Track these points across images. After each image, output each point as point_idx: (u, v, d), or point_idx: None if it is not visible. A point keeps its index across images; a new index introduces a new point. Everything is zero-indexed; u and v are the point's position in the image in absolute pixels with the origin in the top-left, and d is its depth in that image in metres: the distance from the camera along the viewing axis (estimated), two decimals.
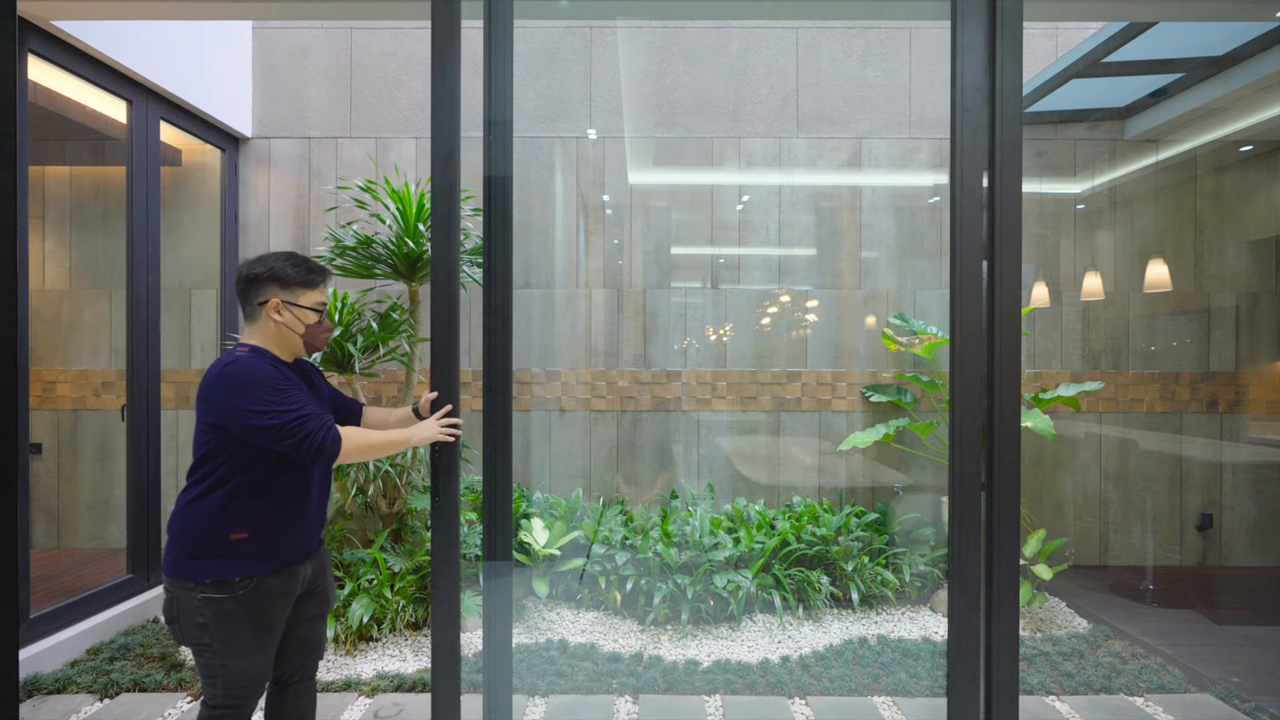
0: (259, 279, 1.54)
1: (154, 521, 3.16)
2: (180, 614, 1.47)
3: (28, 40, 2.54)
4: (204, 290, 3.73)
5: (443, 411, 1.58)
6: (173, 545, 1.48)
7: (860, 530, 3.34)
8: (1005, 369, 1.53)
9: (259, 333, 1.57)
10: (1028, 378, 3.75)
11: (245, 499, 1.48)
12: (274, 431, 1.43)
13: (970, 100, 1.59)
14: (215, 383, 1.45)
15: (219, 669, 1.48)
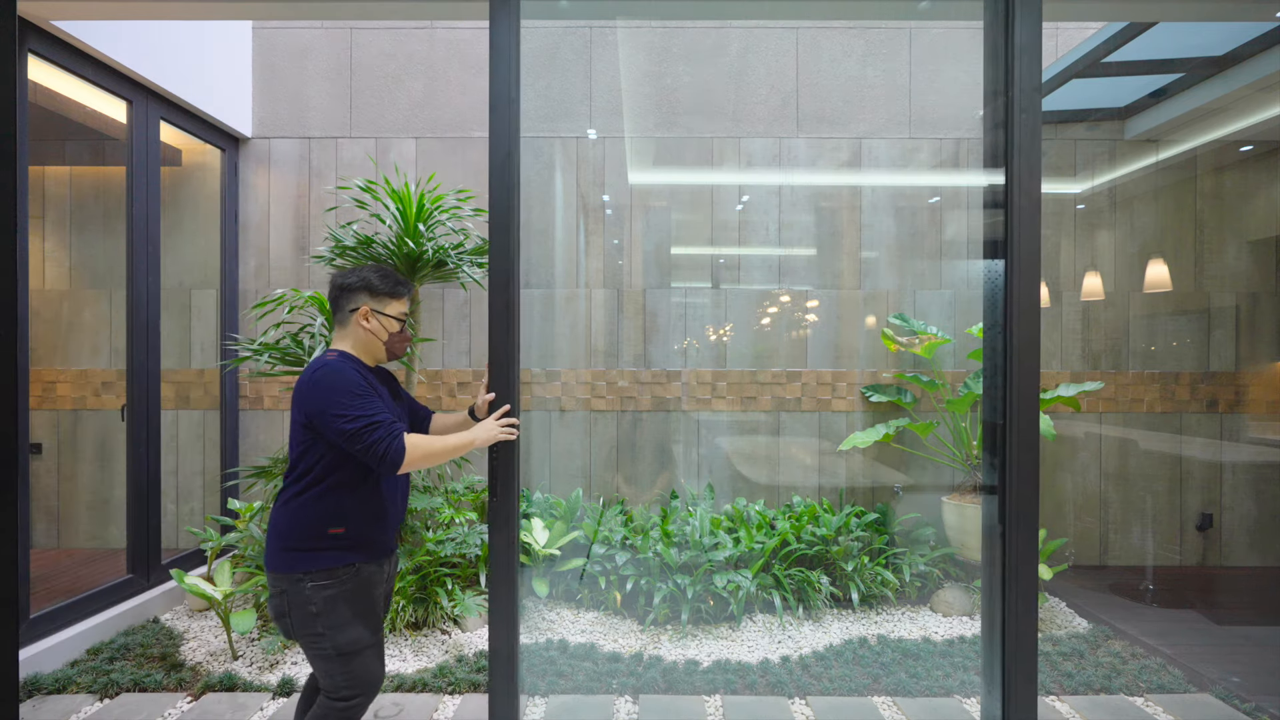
0: (352, 287, 1.64)
1: (154, 521, 3.16)
2: (291, 607, 1.53)
3: (28, 40, 2.54)
4: (204, 290, 3.73)
5: (501, 411, 1.66)
6: (276, 541, 1.54)
7: (860, 530, 3.34)
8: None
9: (347, 338, 1.65)
10: None
11: (339, 496, 1.54)
12: (347, 435, 1.48)
13: (1028, 101, 1.58)
14: (307, 385, 1.52)
15: (335, 657, 1.53)
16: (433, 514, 3.28)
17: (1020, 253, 1.57)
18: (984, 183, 2.15)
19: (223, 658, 2.71)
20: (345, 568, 1.54)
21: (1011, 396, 1.54)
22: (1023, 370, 1.53)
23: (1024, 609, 1.54)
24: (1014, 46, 1.59)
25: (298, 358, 2.90)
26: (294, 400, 1.55)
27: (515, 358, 1.60)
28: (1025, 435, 1.53)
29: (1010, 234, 1.58)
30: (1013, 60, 1.60)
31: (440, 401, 3.73)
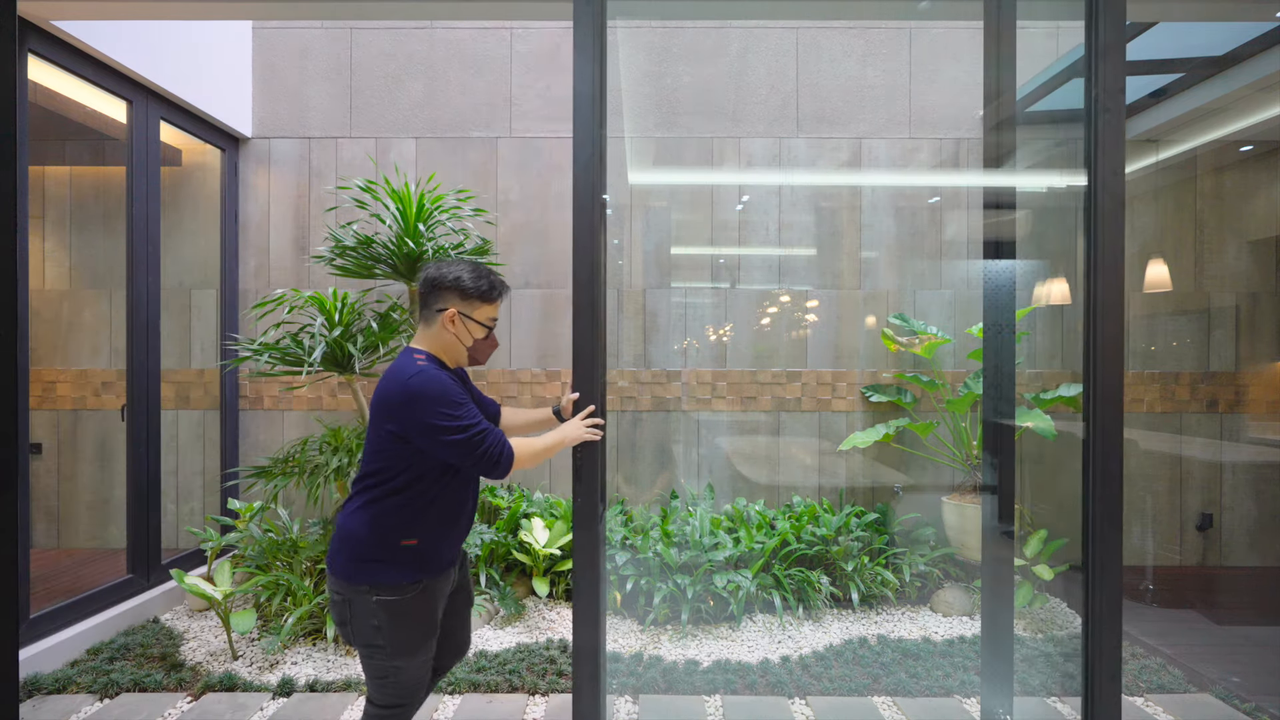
0: (442, 285, 1.56)
1: (154, 521, 3.16)
2: (354, 617, 1.50)
3: (28, 40, 2.54)
4: (204, 290, 3.73)
5: (586, 411, 1.62)
6: (344, 550, 1.50)
7: (860, 530, 3.34)
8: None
9: (432, 339, 1.58)
10: (1028, 378, 3.75)
11: (416, 508, 1.50)
12: (458, 445, 1.45)
13: (1112, 101, 1.57)
14: (400, 393, 1.45)
15: (390, 669, 1.52)
16: None
17: (1104, 254, 1.56)
18: (985, 183, 2.15)
19: (223, 658, 2.71)
20: (413, 584, 1.51)
21: (1095, 397, 1.54)
22: (1106, 369, 1.54)
23: (1109, 610, 1.53)
24: (1098, 46, 1.58)
25: (298, 358, 2.90)
26: (380, 408, 1.48)
27: (600, 358, 1.60)
28: (1109, 440, 1.52)
29: (1094, 235, 1.58)
30: (1096, 60, 1.58)
31: None
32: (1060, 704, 2.42)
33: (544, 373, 3.74)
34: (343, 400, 3.73)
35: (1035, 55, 3.69)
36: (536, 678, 2.53)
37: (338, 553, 1.52)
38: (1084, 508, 1.56)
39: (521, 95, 3.76)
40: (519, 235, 3.76)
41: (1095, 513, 1.53)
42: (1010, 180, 2.11)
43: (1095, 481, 1.54)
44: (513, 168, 3.76)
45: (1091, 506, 1.54)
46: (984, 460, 2.12)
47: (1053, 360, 3.77)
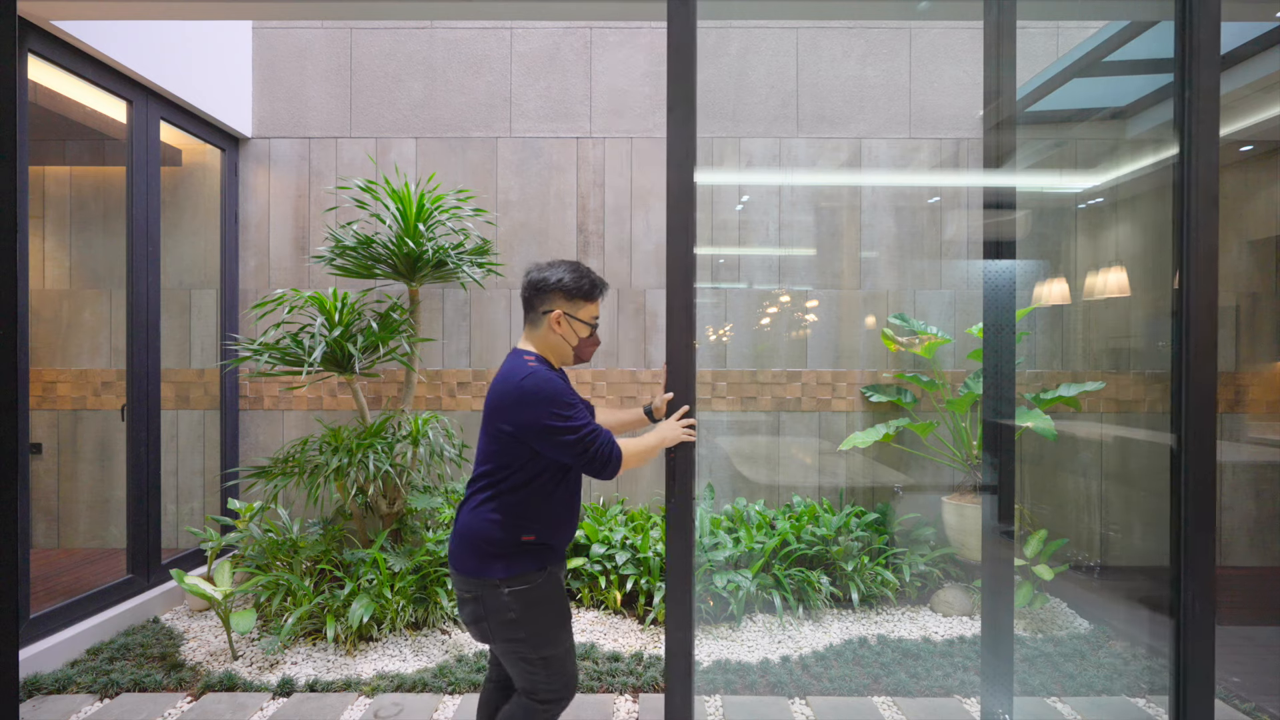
0: (547, 288, 1.59)
1: (154, 521, 3.16)
2: (488, 613, 1.52)
3: (28, 40, 2.54)
4: (204, 290, 3.73)
5: (681, 412, 1.63)
6: (468, 548, 1.53)
7: (860, 530, 3.33)
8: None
9: (539, 340, 1.62)
10: (1028, 378, 3.75)
11: (534, 504, 1.54)
12: (570, 446, 1.48)
13: (1205, 103, 1.56)
14: (515, 394, 1.48)
15: (537, 661, 1.54)
16: (433, 514, 3.28)
17: (1198, 256, 1.56)
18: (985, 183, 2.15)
19: (223, 658, 2.71)
20: (539, 571, 1.54)
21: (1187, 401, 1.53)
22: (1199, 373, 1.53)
23: (1202, 610, 1.53)
24: (1192, 46, 1.57)
25: (298, 358, 2.90)
26: (494, 410, 1.51)
27: (692, 359, 1.60)
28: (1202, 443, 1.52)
29: (1186, 236, 1.57)
30: (1190, 60, 1.57)
31: (440, 401, 3.73)
32: (1060, 704, 2.41)
33: None
34: (343, 400, 3.73)
35: (1035, 55, 3.69)
36: None
37: (461, 551, 1.54)
38: (1174, 512, 1.56)
39: (521, 95, 3.76)
40: (519, 235, 3.76)
41: (1188, 517, 1.53)
42: (1010, 180, 2.11)
43: (1188, 487, 1.53)
44: (513, 168, 3.76)
45: (1184, 511, 1.53)
46: (984, 460, 2.12)
47: (1053, 360, 3.77)
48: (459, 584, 1.55)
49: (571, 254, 3.76)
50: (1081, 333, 3.77)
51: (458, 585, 1.56)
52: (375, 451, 2.90)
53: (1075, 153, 3.80)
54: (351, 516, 3.39)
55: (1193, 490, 1.53)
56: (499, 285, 3.75)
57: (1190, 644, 1.53)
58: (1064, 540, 3.32)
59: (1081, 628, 3.02)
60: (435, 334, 3.74)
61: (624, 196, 3.76)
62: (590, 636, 2.92)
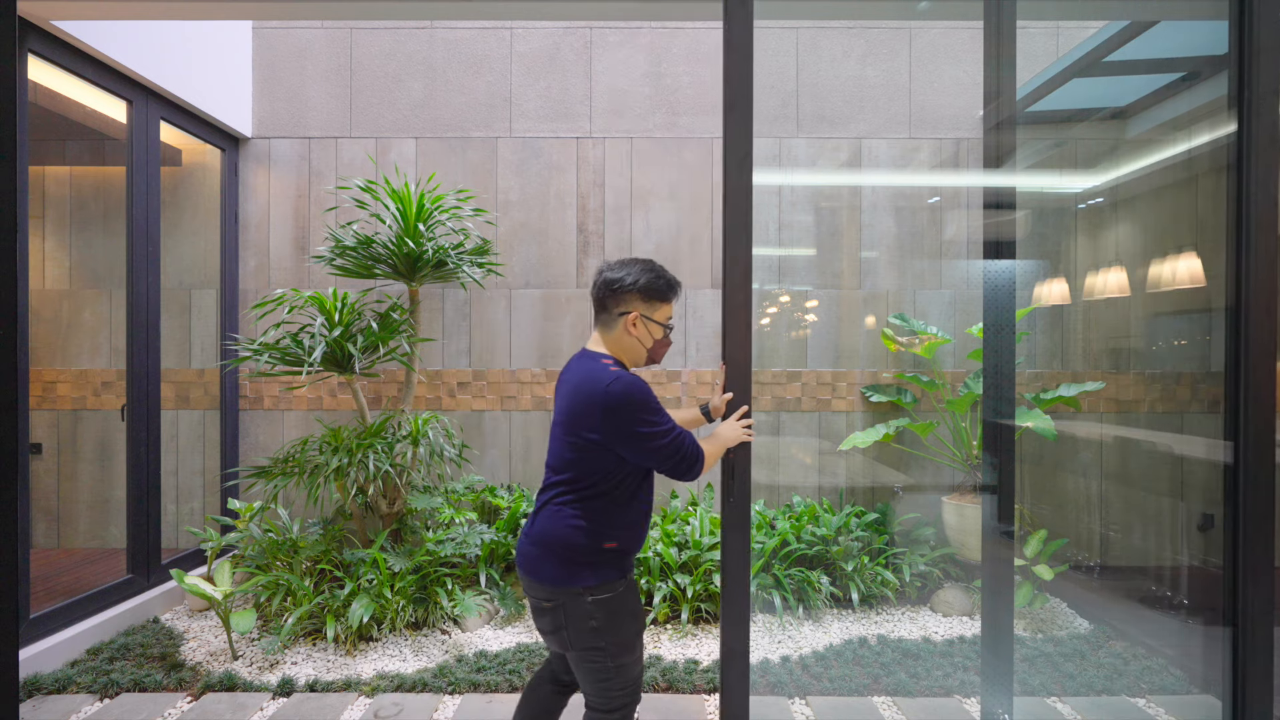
0: (623, 288, 1.55)
1: (154, 521, 3.16)
2: (569, 620, 1.49)
3: (28, 40, 2.54)
4: (204, 290, 3.73)
5: (741, 412, 1.61)
6: (549, 556, 1.50)
7: (860, 530, 3.33)
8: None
9: (613, 342, 1.58)
10: (1028, 378, 3.75)
11: (616, 510, 1.52)
12: (660, 451, 1.46)
13: (1265, 104, 1.56)
14: (601, 400, 1.44)
15: (613, 670, 1.51)
16: (433, 514, 3.28)
17: (1256, 258, 1.55)
18: (985, 183, 2.15)
19: (223, 658, 2.71)
20: (621, 579, 1.52)
21: (1245, 395, 1.53)
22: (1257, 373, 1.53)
23: (1261, 611, 1.53)
24: (1253, 46, 1.57)
25: (298, 358, 2.90)
26: (577, 414, 1.47)
27: (749, 358, 1.59)
28: (1260, 442, 1.52)
29: (1244, 239, 1.57)
30: (1250, 61, 1.57)
31: (440, 401, 3.73)
32: (1060, 704, 2.41)
33: (544, 372, 3.73)
34: (343, 400, 3.73)
35: (1035, 55, 3.69)
36: None
37: (542, 559, 1.51)
38: (1229, 515, 1.56)
39: (521, 95, 3.76)
40: (519, 235, 3.76)
41: (1246, 515, 1.52)
42: (1010, 180, 2.11)
43: (1246, 486, 1.53)
44: (512, 168, 3.76)
45: (1242, 509, 1.53)
46: (984, 460, 2.12)
47: (1053, 360, 3.77)
48: (535, 592, 1.52)
49: (571, 254, 3.76)
50: (1081, 333, 3.77)
51: (534, 593, 1.53)
52: (375, 451, 2.90)
53: (1075, 153, 3.80)
54: (351, 516, 3.39)
55: (1252, 492, 1.52)
56: (499, 285, 3.75)
57: (1249, 650, 1.52)
58: (1064, 540, 3.32)
59: (1081, 628, 3.02)
60: (435, 334, 3.74)
61: (624, 196, 3.76)
62: None
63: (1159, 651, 2.74)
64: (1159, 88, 3.40)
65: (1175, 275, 3.75)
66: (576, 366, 1.56)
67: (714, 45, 3.75)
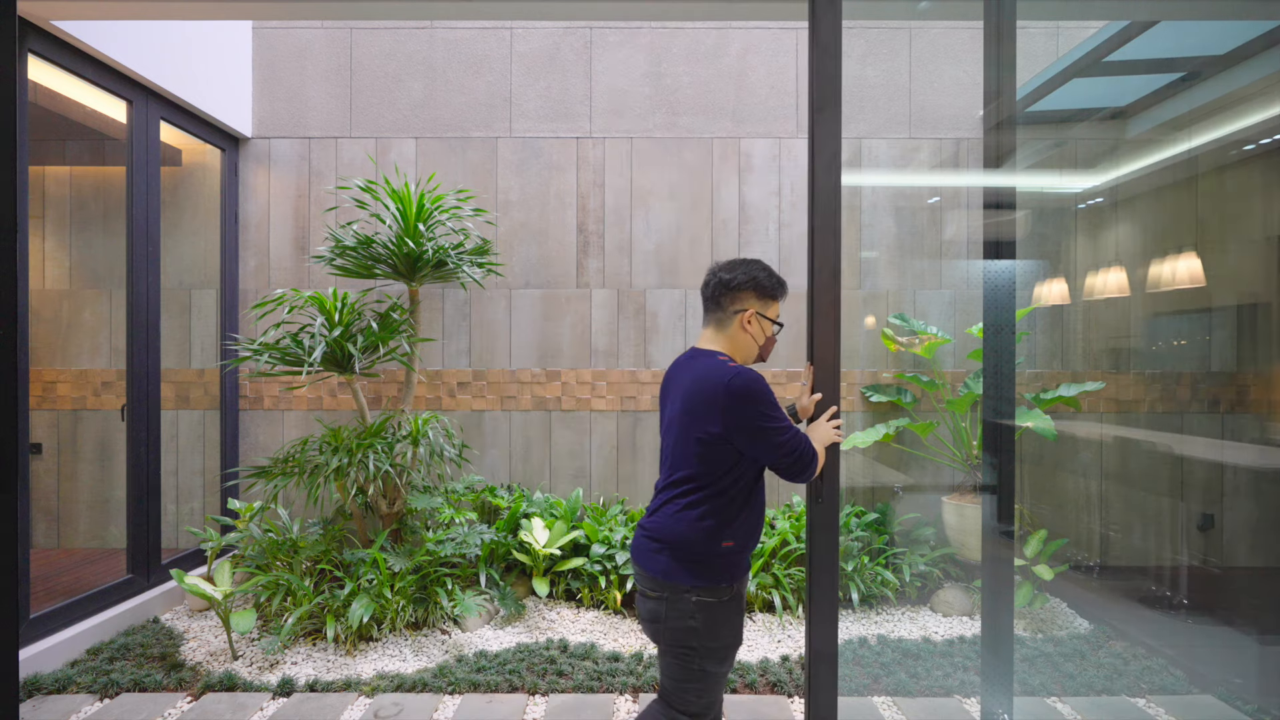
0: (739, 286, 1.56)
1: (154, 521, 3.16)
2: (669, 615, 1.49)
3: (28, 40, 2.54)
4: (204, 290, 3.73)
5: (831, 411, 1.60)
6: (666, 550, 1.50)
7: (860, 530, 3.33)
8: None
9: (727, 340, 1.60)
10: (1028, 378, 3.75)
11: (735, 509, 1.51)
12: (780, 448, 1.44)
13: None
14: (724, 394, 1.43)
15: (699, 674, 1.50)
16: (433, 514, 3.28)
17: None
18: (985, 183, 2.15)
19: (223, 658, 2.71)
20: (729, 586, 1.51)
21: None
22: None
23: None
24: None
25: (298, 358, 2.90)
26: (698, 410, 1.47)
27: (837, 359, 1.59)
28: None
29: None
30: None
31: (440, 401, 3.73)
32: (1060, 704, 2.41)
33: (544, 372, 3.73)
34: (343, 400, 3.73)
35: (1035, 55, 3.69)
36: (536, 678, 2.53)
37: (657, 552, 1.51)
38: None
39: (521, 95, 3.76)
40: (519, 235, 3.76)
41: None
42: (1010, 180, 2.11)
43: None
44: (512, 168, 3.76)
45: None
46: (984, 460, 2.12)
47: (1053, 360, 3.77)
48: (645, 581, 1.54)
49: (571, 254, 3.76)
50: (1081, 333, 3.77)
51: (643, 582, 1.54)
52: (375, 451, 2.90)
53: (1075, 153, 3.80)
54: (351, 516, 3.39)
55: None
56: (499, 285, 3.75)
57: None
58: (1064, 540, 3.32)
59: (1081, 628, 3.02)
60: (435, 334, 3.74)
61: (624, 196, 3.76)
62: (590, 636, 2.92)
63: (1159, 651, 2.75)
64: (1159, 88, 3.40)
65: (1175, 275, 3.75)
66: (690, 365, 1.57)
67: (714, 45, 3.75)
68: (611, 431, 3.75)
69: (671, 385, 1.63)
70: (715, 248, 3.77)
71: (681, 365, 1.62)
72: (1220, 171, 3.73)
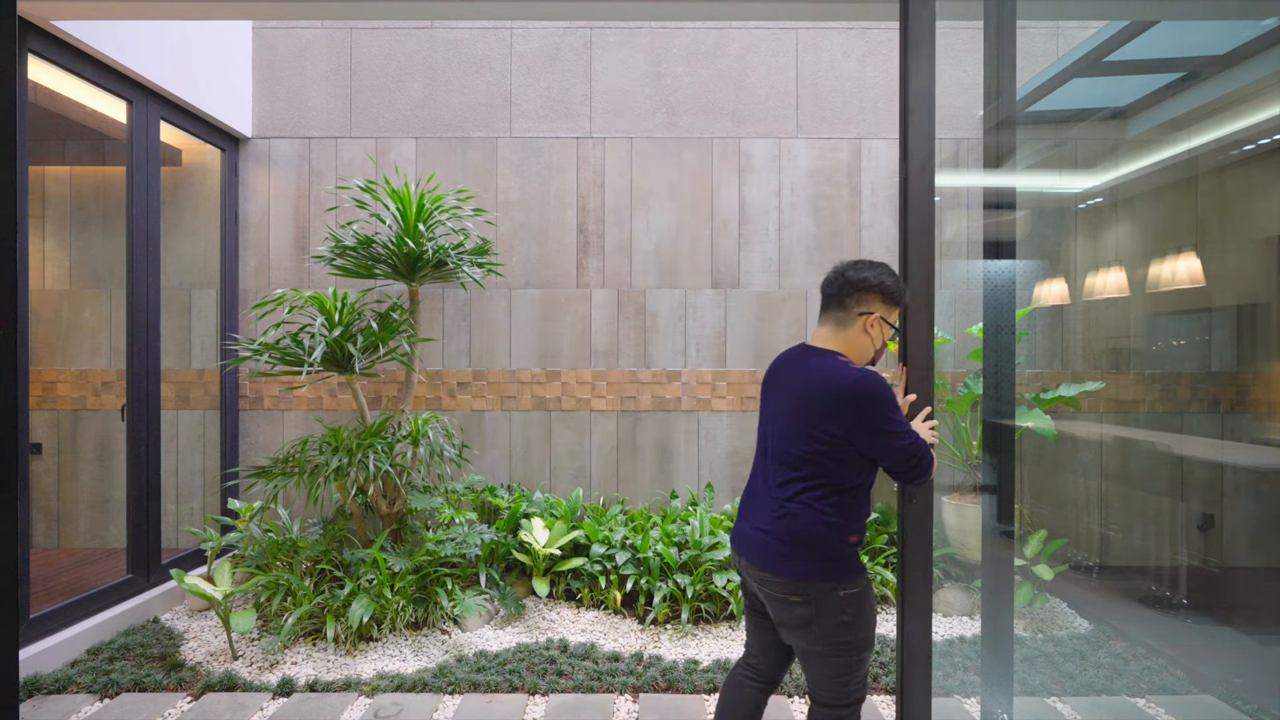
0: (867, 288, 1.53)
1: (154, 521, 3.16)
2: (820, 615, 1.48)
3: (28, 40, 2.54)
4: (204, 290, 3.73)
5: (926, 412, 1.62)
6: (800, 551, 1.49)
7: None
8: None
9: (846, 341, 1.56)
10: (1028, 378, 3.75)
11: (857, 506, 1.52)
12: (901, 450, 1.45)
13: None
14: (850, 396, 1.43)
15: (855, 664, 1.51)
16: (433, 514, 3.28)
17: None
18: (985, 183, 2.15)
19: (223, 658, 2.71)
20: (864, 576, 1.52)
21: None
22: None
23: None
24: None
25: (298, 358, 2.90)
26: (822, 410, 1.46)
27: (931, 360, 1.60)
28: None
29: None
30: None
31: (440, 401, 3.73)
32: (1060, 704, 2.41)
33: (544, 372, 3.73)
34: (343, 400, 3.73)
35: (1035, 55, 3.69)
36: (536, 678, 2.53)
37: (792, 554, 1.49)
38: None
39: (521, 95, 3.76)
40: (519, 235, 3.76)
41: None
42: (1010, 180, 2.11)
43: None
44: (513, 168, 3.76)
45: None
46: (984, 460, 2.12)
47: (1053, 360, 3.77)
48: (781, 587, 1.51)
49: (571, 254, 3.76)
50: (1081, 333, 3.77)
51: (777, 588, 1.51)
52: (375, 451, 2.90)
53: (1075, 153, 3.80)
54: (351, 516, 3.39)
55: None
56: (499, 285, 3.75)
57: None
58: (1064, 540, 3.32)
59: (1081, 628, 3.02)
60: (435, 334, 3.74)
61: (624, 196, 3.76)
62: (590, 636, 2.92)
63: (1159, 651, 2.75)
64: (1159, 88, 3.40)
65: (1175, 275, 3.75)
66: (805, 363, 1.56)
67: (714, 45, 3.75)
68: (611, 431, 3.75)
69: (782, 381, 1.61)
70: (715, 248, 3.77)
71: (793, 362, 1.59)
72: (1220, 171, 3.73)
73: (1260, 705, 2.35)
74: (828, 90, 3.77)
